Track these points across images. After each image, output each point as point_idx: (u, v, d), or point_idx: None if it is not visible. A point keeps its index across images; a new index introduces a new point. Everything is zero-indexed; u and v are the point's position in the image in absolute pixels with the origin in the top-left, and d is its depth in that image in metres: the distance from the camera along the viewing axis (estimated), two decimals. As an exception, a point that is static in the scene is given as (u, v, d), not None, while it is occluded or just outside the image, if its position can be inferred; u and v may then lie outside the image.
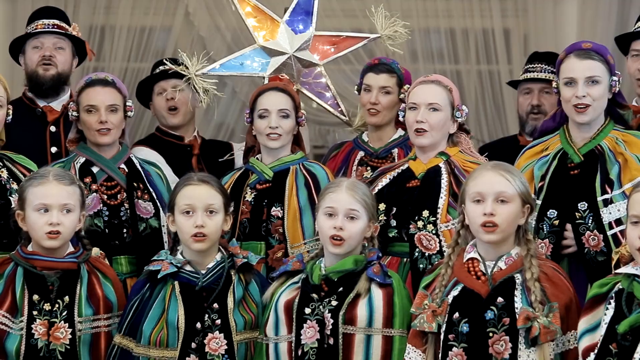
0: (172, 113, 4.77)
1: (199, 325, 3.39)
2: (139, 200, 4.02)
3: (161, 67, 4.85)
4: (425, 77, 4.00)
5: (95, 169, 4.03)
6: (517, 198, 3.21)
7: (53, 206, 3.45)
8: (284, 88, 4.20)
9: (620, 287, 3.02)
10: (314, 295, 3.38)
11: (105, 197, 3.99)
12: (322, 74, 4.88)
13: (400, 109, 4.02)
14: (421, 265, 3.76)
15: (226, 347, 3.40)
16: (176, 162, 4.55)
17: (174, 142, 4.80)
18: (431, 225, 3.79)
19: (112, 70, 5.70)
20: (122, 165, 4.07)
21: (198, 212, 3.46)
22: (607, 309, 3.01)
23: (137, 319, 3.43)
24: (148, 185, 4.07)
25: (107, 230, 3.96)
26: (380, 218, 3.85)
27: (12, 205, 3.70)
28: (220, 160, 4.65)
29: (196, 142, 4.84)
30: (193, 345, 3.38)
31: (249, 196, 4.06)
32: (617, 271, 3.08)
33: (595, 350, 2.98)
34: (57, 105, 4.60)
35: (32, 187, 3.49)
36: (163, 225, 4.00)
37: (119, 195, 4.01)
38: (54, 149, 4.50)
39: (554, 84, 3.90)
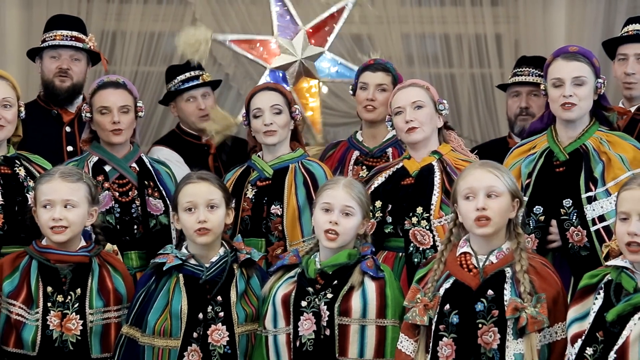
0: (203, 119, 4.82)
1: (200, 315, 3.40)
2: (150, 198, 4.03)
3: (187, 74, 4.88)
4: (401, 84, 4.05)
5: (107, 168, 4.03)
6: (507, 192, 3.21)
7: (56, 202, 3.47)
8: (275, 87, 4.23)
9: (610, 278, 3.03)
10: (310, 289, 3.39)
11: (117, 194, 4.00)
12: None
13: (387, 120, 4.04)
14: (416, 260, 3.77)
15: (228, 339, 3.41)
16: (193, 161, 4.56)
17: (192, 141, 4.83)
18: (425, 221, 3.81)
19: (122, 73, 5.70)
20: (134, 164, 4.08)
21: (200, 208, 3.47)
22: (596, 298, 3.02)
23: (143, 309, 3.43)
24: (158, 183, 4.08)
25: (118, 226, 3.97)
26: (376, 215, 3.86)
27: (29, 202, 3.72)
28: None
29: (213, 141, 4.86)
30: (194, 335, 3.39)
31: (250, 193, 4.07)
32: (607, 263, 3.09)
33: (583, 337, 2.99)
34: (71, 107, 4.61)
35: (41, 184, 3.51)
36: (172, 222, 4.00)
37: (130, 193, 4.02)
38: (69, 148, 4.52)
39: (542, 87, 3.91)
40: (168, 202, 4.02)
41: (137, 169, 4.08)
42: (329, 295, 3.36)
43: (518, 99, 4.81)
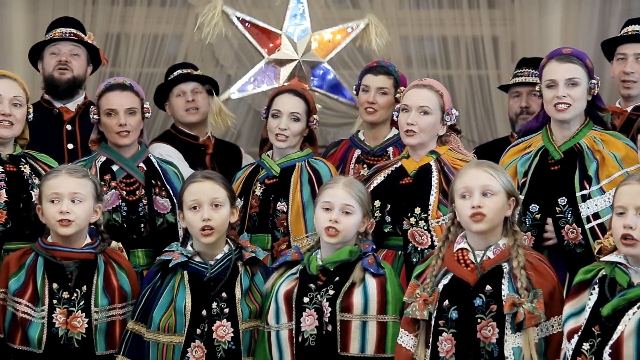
0: (191, 112, 4.79)
1: (204, 312, 3.39)
2: (157, 197, 4.03)
3: (178, 71, 4.88)
4: (419, 80, 3.99)
5: (115, 167, 4.03)
6: (502, 191, 3.21)
7: (63, 195, 3.46)
8: (301, 92, 4.21)
9: (604, 273, 3.03)
10: (312, 285, 3.38)
11: (124, 193, 4.00)
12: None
13: (395, 109, 4.03)
14: (414, 259, 3.75)
15: (232, 335, 3.40)
16: (190, 160, 4.58)
17: (189, 141, 4.81)
18: (423, 221, 3.79)
19: (126, 75, 5.70)
20: (141, 164, 4.07)
21: (204, 206, 3.45)
22: (591, 294, 3.02)
23: (149, 306, 3.42)
24: (165, 182, 4.07)
25: (125, 224, 3.97)
26: (375, 214, 3.85)
27: (33, 199, 3.72)
28: None
29: (210, 142, 4.85)
30: (198, 331, 3.38)
31: (258, 191, 4.08)
32: (602, 259, 3.09)
33: (579, 332, 2.98)
34: (72, 105, 4.63)
35: (47, 180, 3.51)
36: (179, 220, 4.00)
37: (137, 192, 4.02)
38: (70, 146, 4.53)
39: (537, 88, 3.91)
40: (175, 201, 4.02)
41: (145, 168, 4.07)
42: (331, 292, 3.36)
43: (519, 99, 4.82)
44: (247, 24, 5.18)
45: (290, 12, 5.13)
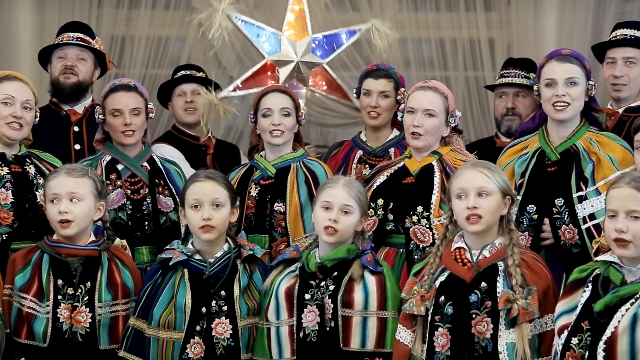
0: (189, 112, 4.80)
1: (204, 309, 3.39)
2: (160, 196, 4.03)
3: (181, 72, 4.89)
4: (424, 82, 3.97)
5: (120, 167, 4.03)
6: (497, 191, 3.21)
7: (62, 195, 3.47)
8: (285, 90, 4.21)
9: (598, 272, 3.02)
10: (312, 282, 3.38)
11: (129, 192, 4.00)
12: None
13: (400, 109, 4.01)
14: (416, 257, 3.74)
15: (231, 332, 3.40)
16: (192, 160, 4.57)
17: (190, 141, 4.81)
18: (425, 219, 3.78)
19: (131, 76, 5.69)
20: (145, 163, 4.08)
21: (205, 206, 3.45)
22: (584, 291, 3.01)
23: (149, 302, 3.43)
24: (169, 181, 4.07)
25: (130, 222, 3.97)
26: (378, 212, 3.85)
27: (38, 200, 3.72)
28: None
29: (211, 142, 4.86)
30: (197, 328, 3.38)
31: (254, 191, 4.05)
32: (596, 259, 3.09)
33: (569, 327, 2.98)
34: (79, 108, 4.62)
35: (49, 181, 3.53)
36: (180, 217, 3.99)
37: (141, 191, 4.02)
38: (77, 147, 4.52)
39: (535, 88, 3.89)
40: (178, 199, 4.01)
41: (149, 167, 4.07)
42: (331, 287, 3.36)
43: (504, 100, 4.78)
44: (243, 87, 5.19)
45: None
